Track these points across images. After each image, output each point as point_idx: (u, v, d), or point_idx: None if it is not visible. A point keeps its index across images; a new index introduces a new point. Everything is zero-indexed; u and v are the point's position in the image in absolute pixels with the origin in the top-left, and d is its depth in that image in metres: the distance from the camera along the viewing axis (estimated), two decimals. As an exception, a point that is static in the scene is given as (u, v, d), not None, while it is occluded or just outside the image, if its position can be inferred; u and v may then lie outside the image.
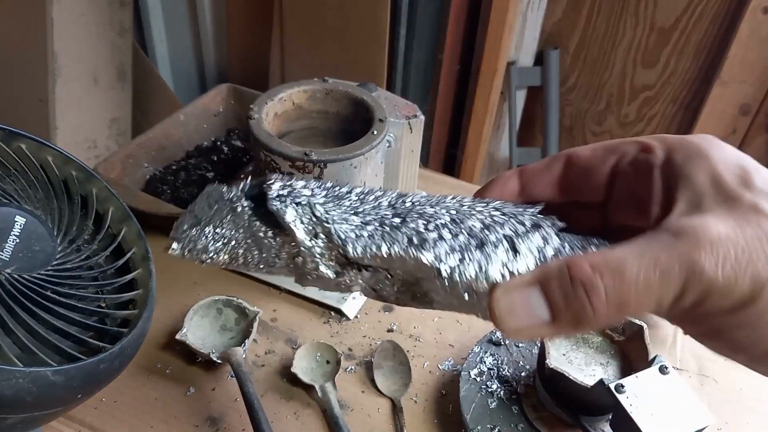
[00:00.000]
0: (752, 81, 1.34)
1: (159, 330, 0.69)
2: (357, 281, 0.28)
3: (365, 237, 0.26)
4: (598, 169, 0.28)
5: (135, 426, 0.60)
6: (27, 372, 0.40)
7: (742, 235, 0.22)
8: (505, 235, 0.26)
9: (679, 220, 0.24)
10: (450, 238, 0.26)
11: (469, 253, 0.25)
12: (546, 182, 0.30)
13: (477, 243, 0.26)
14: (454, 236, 0.26)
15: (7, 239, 0.45)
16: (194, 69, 1.41)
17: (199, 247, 0.28)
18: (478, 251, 0.25)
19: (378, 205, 0.28)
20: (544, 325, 0.24)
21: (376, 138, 0.67)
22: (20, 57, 1.05)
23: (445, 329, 0.72)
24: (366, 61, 1.11)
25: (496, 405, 0.61)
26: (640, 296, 0.22)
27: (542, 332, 0.24)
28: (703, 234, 0.22)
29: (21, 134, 0.49)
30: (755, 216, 0.23)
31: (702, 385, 0.66)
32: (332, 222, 0.27)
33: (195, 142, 0.92)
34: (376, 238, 0.26)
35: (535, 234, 0.26)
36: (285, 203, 0.27)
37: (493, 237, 0.26)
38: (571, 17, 1.51)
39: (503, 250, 0.26)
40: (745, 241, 0.22)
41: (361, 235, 0.26)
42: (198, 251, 0.28)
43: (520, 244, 0.26)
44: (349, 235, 0.26)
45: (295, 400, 0.64)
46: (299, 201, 0.27)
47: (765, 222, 0.22)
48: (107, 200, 0.54)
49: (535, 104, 1.65)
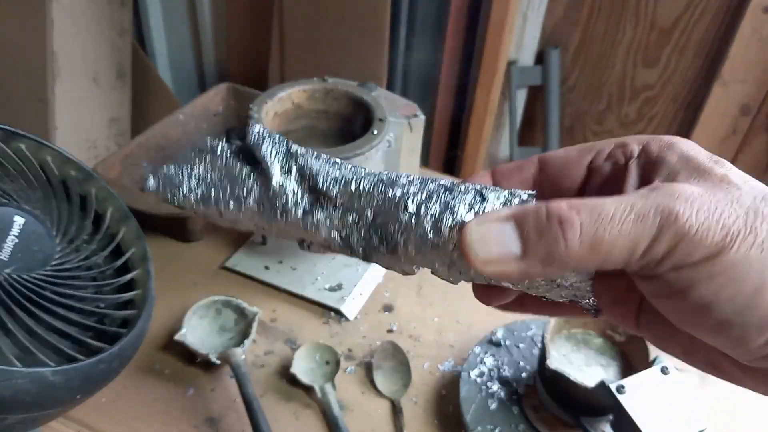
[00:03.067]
0: (753, 81, 1.34)
1: (158, 330, 0.68)
2: (324, 223, 0.28)
3: (336, 172, 0.28)
4: (574, 167, 0.28)
5: (134, 426, 0.60)
6: (26, 372, 0.40)
7: (714, 196, 0.23)
8: (475, 188, 0.27)
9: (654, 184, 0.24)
10: (419, 184, 0.27)
11: (437, 194, 0.26)
12: (518, 182, 0.30)
13: (445, 188, 0.27)
14: (423, 184, 0.27)
15: (6, 239, 0.44)
16: (194, 69, 1.41)
17: (174, 182, 0.29)
18: (446, 193, 0.26)
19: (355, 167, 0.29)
20: (514, 258, 0.24)
21: (376, 138, 0.67)
22: (20, 57, 1.05)
23: (445, 330, 0.72)
24: (366, 61, 1.10)
25: (497, 406, 0.61)
26: (614, 237, 0.22)
27: (511, 267, 0.24)
28: (678, 188, 0.23)
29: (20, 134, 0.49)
30: (726, 185, 0.24)
31: (703, 385, 0.66)
32: (305, 160, 0.28)
33: (194, 142, 0.92)
34: (347, 174, 0.28)
35: (504, 190, 0.27)
36: (263, 136, 0.29)
37: (462, 187, 0.27)
38: (572, 16, 1.51)
39: (471, 195, 0.26)
40: (717, 200, 0.23)
41: (332, 171, 0.28)
42: (172, 187, 0.29)
43: (488, 193, 0.26)
44: (320, 169, 0.28)
45: (294, 400, 0.64)
46: (275, 140, 0.29)
47: (734, 190, 0.23)
48: (106, 200, 0.54)
49: (535, 104, 1.65)
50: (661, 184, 0.24)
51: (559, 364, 0.57)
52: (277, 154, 0.28)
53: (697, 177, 0.24)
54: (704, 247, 0.22)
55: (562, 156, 0.29)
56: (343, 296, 0.73)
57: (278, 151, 0.28)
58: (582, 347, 0.61)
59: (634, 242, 0.22)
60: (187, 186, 0.29)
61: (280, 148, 0.28)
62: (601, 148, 0.28)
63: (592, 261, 0.23)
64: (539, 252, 0.23)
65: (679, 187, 0.23)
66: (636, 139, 0.27)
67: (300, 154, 0.28)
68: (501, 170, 0.30)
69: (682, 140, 0.26)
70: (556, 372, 0.55)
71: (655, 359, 0.55)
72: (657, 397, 0.51)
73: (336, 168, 0.28)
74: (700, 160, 0.25)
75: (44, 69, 1.03)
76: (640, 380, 0.52)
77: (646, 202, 0.23)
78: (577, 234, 0.23)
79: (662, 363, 0.54)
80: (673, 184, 0.24)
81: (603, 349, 0.61)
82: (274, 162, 0.28)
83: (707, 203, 0.23)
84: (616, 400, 0.51)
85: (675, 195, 0.23)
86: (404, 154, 0.80)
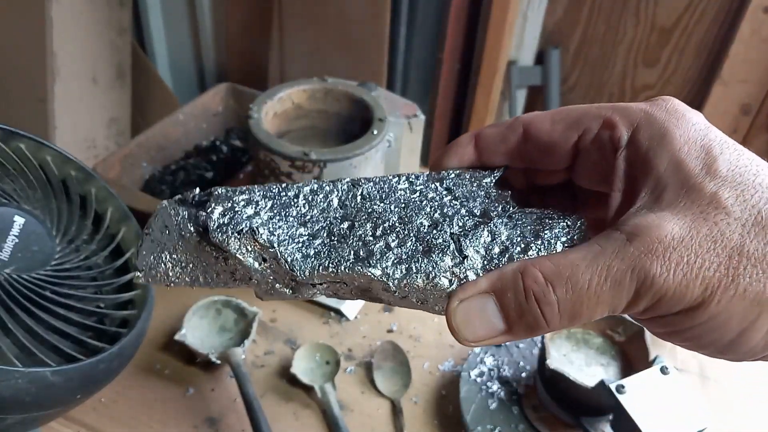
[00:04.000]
0: (753, 80, 1.34)
1: (158, 330, 0.68)
2: (316, 293, 0.28)
3: (312, 257, 0.26)
4: (559, 146, 0.28)
5: (134, 426, 0.60)
6: (26, 372, 0.40)
7: (697, 237, 0.22)
8: (452, 233, 0.26)
9: (636, 217, 0.24)
10: (396, 246, 0.26)
11: (416, 263, 0.26)
12: (502, 152, 0.29)
13: (424, 248, 0.26)
14: (401, 244, 0.26)
15: (6, 239, 0.44)
16: (193, 68, 1.41)
17: (161, 272, 0.28)
18: (425, 259, 0.26)
19: (327, 206, 0.28)
20: (500, 334, 0.25)
21: (376, 138, 0.67)
22: (19, 57, 1.05)
23: (445, 329, 0.72)
24: (366, 61, 1.10)
25: (497, 406, 0.61)
26: (591, 306, 0.23)
27: (498, 340, 0.25)
28: (657, 237, 0.22)
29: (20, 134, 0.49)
30: (713, 211, 0.23)
31: (703, 385, 0.66)
32: (277, 245, 0.26)
33: (194, 142, 0.92)
34: (323, 257, 0.26)
35: (483, 230, 0.26)
36: (227, 233, 0.27)
37: (441, 239, 0.26)
38: (572, 16, 1.51)
39: (450, 254, 0.26)
40: (698, 244, 0.22)
41: (308, 255, 0.26)
42: (160, 276, 0.28)
43: (467, 246, 0.26)
44: (295, 257, 0.26)
45: (294, 400, 0.64)
46: (241, 229, 0.27)
47: (722, 220, 0.22)
48: (106, 200, 0.54)
49: (535, 104, 1.65)
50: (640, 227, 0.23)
51: (559, 363, 0.57)
52: (248, 250, 0.27)
53: (684, 199, 0.23)
54: (683, 302, 0.22)
55: (547, 131, 0.28)
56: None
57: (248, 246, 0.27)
58: (582, 347, 0.61)
59: (612, 307, 0.23)
60: (174, 274, 0.28)
61: (248, 241, 0.27)
62: (588, 126, 0.27)
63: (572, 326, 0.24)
64: (522, 327, 0.24)
65: (659, 234, 0.22)
66: (625, 118, 0.26)
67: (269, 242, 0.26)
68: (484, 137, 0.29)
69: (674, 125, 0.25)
70: (555, 372, 0.55)
71: (655, 359, 0.55)
72: (657, 396, 0.51)
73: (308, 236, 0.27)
74: (689, 171, 0.24)
75: (44, 69, 1.03)
76: (640, 380, 0.52)
77: (622, 265, 0.22)
78: (556, 310, 0.23)
79: (662, 363, 0.54)
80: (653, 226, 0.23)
81: (603, 348, 0.61)
82: (249, 258, 0.27)
83: (687, 254, 0.22)
84: (615, 400, 0.51)
85: (652, 249, 0.22)
86: (404, 154, 0.80)
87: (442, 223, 0.27)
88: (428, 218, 0.27)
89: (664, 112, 0.25)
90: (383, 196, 0.28)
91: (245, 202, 0.28)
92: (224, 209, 0.27)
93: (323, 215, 0.28)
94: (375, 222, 0.27)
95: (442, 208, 0.28)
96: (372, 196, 0.28)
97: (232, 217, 0.27)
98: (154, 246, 0.28)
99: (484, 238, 0.26)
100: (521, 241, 0.26)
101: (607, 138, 0.26)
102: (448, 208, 0.28)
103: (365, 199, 0.28)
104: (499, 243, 0.26)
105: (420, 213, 0.27)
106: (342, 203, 0.28)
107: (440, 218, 0.27)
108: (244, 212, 0.27)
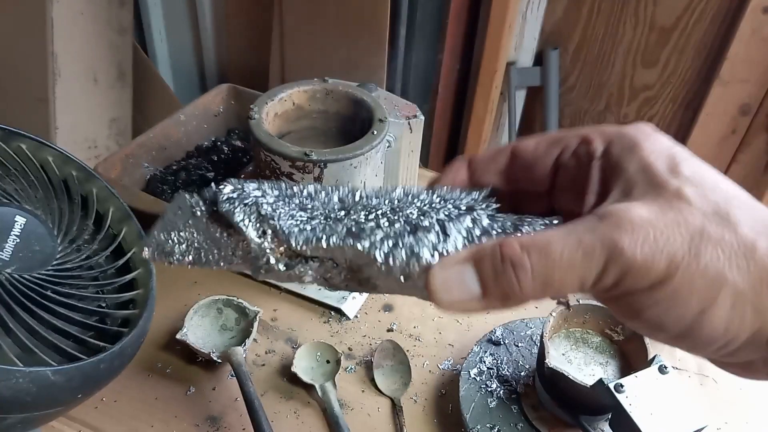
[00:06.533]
0: (753, 81, 1.34)
1: (159, 330, 0.69)
2: (307, 272, 0.30)
3: (308, 230, 0.29)
4: (541, 162, 0.30)
5: (135, 426, 0.60)
6: (27, 372, 0.40)
7: (663, 219, 0.24)
8: (438, 219, 0.29)
9: (607, 206, 0.25)
10: (386, 226, 0.29)
11: (402, 238, 0.28)
12: (492, 172, 0.32)
13: (411, 229, 0.28)
14: (391, 224, 0.29)
15: (7, 239, 0.45)
16: (194, 69, 1.41)
17: (166, 250, 0.31)
18: (410, 236, 0.28)
19: (328, 201, 0.31)
20: (475, 299, 0.26)
21: (376, 138, 0.67)
22: (20, 57, 1.05)
23: (444, 329, 0.72)
24: (366, 61, 1.11)
25: (496, 404, 0.61)
26: (563, 274, 0.24)
27: (473, 306, 0.26)
28: (626, 216, 0.24)
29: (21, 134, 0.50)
30: (677, 202, 0.24)
31: (701, 384, 0.66)
32: (277, 219, 0.29)
33: (195, 142, 0.92)
34: (318, 231, 0.29)
35: (467, 217, 0.29)
36: (234, 205, 0.30)
37: (427, 222, 0.29)
38: (571, 17, 1.51)
39: (434, 233, 0.28)
40: (664, 225, 0.24)
41: (304, 229, 0.29)
42: (166, 254, 0.31)
43: (450, 227, 0.28)
44: (292, 230, 0.29)
45: (295, 399, 0.64)
46: (247, 202, 0.30)
47: (685, 208, 0.24)
48: (107, 200, 0.54)
49: (534, 104, 1.65)
50: (611, 210, 0.25)
51: (558, 362, 0.57)
52: (251, 220, 0.30)
53: (651, 193, 0.25)
54: (649, 276, 0.24)
55: (532, 150, 0.30)
56: (344, 295, 0.73)
57: (251, 217, 0.30)
58: (581, 346, 0.61)
59: (582, 278, 0.24)
60: (179, 251, 0.31)
61: (251, 212, 0.30)
62: (568, 143, 0.29)
63: (545, 295, 0.25)
64: (497, 292, 0.26)
65: (628, 214, 0.24)
66: (601, 135, 0.28)
67: (270, 215, 0.29)
68: (477, 159, 0.32)
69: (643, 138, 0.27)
70: (555, 371, 0.55)
71: (653, 358, 0.55)
72: (655, 395, 0.51)
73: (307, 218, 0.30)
74: (656, 171, 0.26)
75: (44, 69, 1.03)
76: (639, 379, 0.53)
77: (593, 237, 0.24)
78: (529, 275, 0.24)
79: (661, 362, 0.54)
80: (622, 209, 0.24)
81: (602, 347, 0.61)
82: (249, 228, 0.30)
83: (653, 231, 0.24)
84: (614, 399, 0.51)
85: (622, 225, 0.24)
86: (404, 155, 0.80)
87: (429, 212, 0.30)
88: (418, 210, 0.30)
89: (636, 131, 0.28)
90: (380, 195, 0.31)
91: (254, 188, 0.31)
92: (235, 188, 0.31)
93: (323, 206, 0.31)
94: (369, 210, 0.30)
95: (431, 204, 0.30)
96: (369, 195, 0.31)
97: (240, 194, 0.30)
98: (166, 225, 0.31)
99: (467, 223, 0.29)
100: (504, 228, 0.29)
101: (584, 151, 0.29)
102: (436, 204, 0.30)
103: (363, 198, 0.31)
104: (480, 228, 0.28)
105: (411, 206, 0.30)
106: (341, 199, 0.31)
107: (428, 209, 0.30)
108: (251, 193, 0.31)
